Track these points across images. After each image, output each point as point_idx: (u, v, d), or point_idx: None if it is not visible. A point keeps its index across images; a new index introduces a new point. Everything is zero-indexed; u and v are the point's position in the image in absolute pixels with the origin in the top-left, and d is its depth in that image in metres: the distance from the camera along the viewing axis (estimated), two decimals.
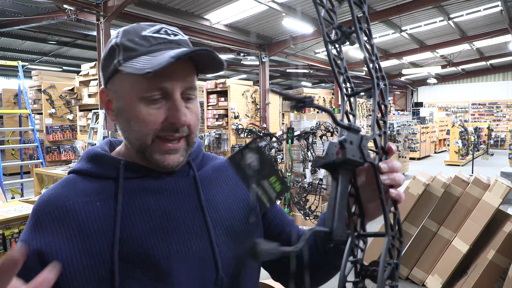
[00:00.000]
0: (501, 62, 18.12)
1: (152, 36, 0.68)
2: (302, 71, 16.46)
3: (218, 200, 0.78)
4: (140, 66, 0.63)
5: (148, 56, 0.65)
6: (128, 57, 0.66)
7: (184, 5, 7.77)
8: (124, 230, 0.67)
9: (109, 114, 0.74)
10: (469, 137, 12.13)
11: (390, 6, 8.81)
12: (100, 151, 0.75)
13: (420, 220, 3.59)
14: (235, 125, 9.94)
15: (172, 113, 0.67)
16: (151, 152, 0.69)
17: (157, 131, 0.67)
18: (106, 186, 0.71)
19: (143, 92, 0.66)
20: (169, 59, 0.61)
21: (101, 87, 0.73)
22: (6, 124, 10.31)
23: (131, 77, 0.66)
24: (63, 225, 0.67)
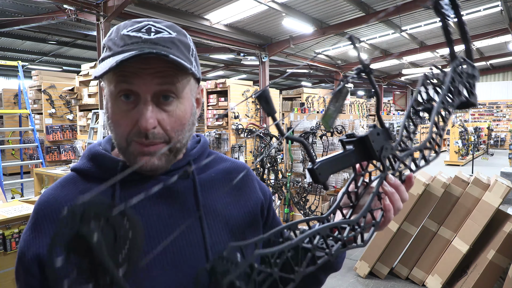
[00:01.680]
0: (501, 62, 18.12)
1: (128, 35, 0.64)
2: (302, 71, 16.47)
3: (218, 205, 0.75)
4: (100, 69, 0.63)
5: (113, 58, 0.62)
6: (104, 57, 0.65)
7: (184, 5, 7.77)
8: None
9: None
10: (469, 137, 12.13)
11: (390, 6, 8.81)
12: (100, 151, 0.73)
13: (420, 220, 3.59)
14: (235, 125, 9.95)
15: (138, 117, 0.63)
16: (129, 154, 0.66)
17: (130, 134, 0.65)
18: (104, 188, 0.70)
19: (117, 94, 0.64)
20: (114, 63, 0.59)
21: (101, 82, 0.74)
22: (6, 124, 10.31)
23: (108, 76, 0.65)
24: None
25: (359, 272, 3.77)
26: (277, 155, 5.36)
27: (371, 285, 3.61)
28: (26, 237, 0.68)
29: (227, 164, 0.83)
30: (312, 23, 9.40)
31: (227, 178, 0.80)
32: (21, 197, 6.33)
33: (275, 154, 5.32)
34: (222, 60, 14.40)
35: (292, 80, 21.42)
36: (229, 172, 0.81)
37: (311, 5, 8.47)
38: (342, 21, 9.60)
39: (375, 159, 0.56)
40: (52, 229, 0.67)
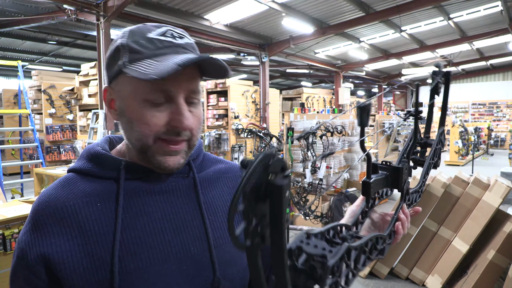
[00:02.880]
0: (501, 62, 18.11)
1: (158, 39, 0.67)
2: (302, 71, 16.47)
3: (217, 202, 0.79)
4: (145, 70, 0.63)
5: (152, 60, 0.65)
6: (133, 59, 0.66)
7: (184, 5, 7.77)
8: (123, 231, 0.67)
9: (112, 113, 0.74)
10: (469, 137, 12.13)
11: (390, 6, 8.81)
12: (101, 151, 0.74)
13: (420, 220, 3.59)
14: (235, 125, 9.95)
15: (175, 116, 0.67)
16: (153, 153, 0.69)
17: (159, 133, 0.68)
18: (106, 186, 0.71)
19: (146, 95, 0.66)
20: (175, 66, 0.62)
21: (105, 85, 0.73)
22: (6, 124, 10.31)
23: (135, 79, 0.65)
24: (63, 226, 0.66)
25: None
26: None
27: (371, 285, 3.61)
28: (27, 237, 0.67)
29: (223, 165, 0.87)
30: (312, 23, 9.40)
31: (223, 177, 0.85)
32: (21, 197, 6.33)
33: None
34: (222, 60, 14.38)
35: (292, 80, 21.42)
36: (225, 172, 0.86)
37: (311, 5, 8.47)
38: (342, 21, 9.60)
39: (399, 189, 0.66)
40: (55, 228, 0.66)
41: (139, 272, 0.66)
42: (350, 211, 0.83)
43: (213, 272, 0.71)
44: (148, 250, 0.67)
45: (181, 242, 0.70)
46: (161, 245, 0.69)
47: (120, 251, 0.66)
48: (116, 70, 0.68)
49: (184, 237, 0.71)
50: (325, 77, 18.10)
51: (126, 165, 0.72)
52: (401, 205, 0.70)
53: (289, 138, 5.10)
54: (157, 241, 0.69)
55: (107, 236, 0.66)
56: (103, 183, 0.71)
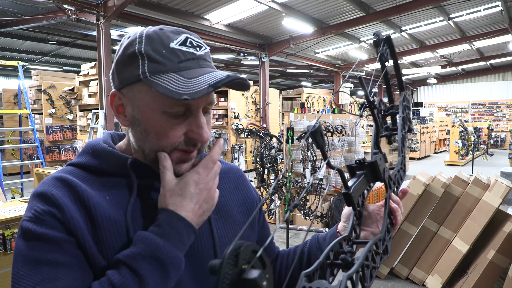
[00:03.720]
0: (501, 62, 18.12)
1: (180, 50, 0.66)
2: (302, 71, 16.47)
3: (220, 203, 0.79)
4: (174, 87, 0.62)
5: (178, 74, 0.64)
6: (156, 70, 0.64)
7: (184, 5, 7.77)
8: (134, 222, 0.68)
9: (121, 118, 0.72)
10: (469, 137, 12.13)
11: (390, 6, 8.82)
12: (107, 148, 0.73)
13: (420, 220, 3.59)
14: (235, 125, 9.96)
15: (194, 129, 0.68)
16: None
17: (175, 144, 0.68)
18: (115, 182, 0.71)
19: (167, 108, 0.66)
20: (207, 87, 0.62)
21: (113, 90, 0.71)
22: (6, 124, 10.31)
23: (154, 91, 0.64)
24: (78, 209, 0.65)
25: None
26: (277, 155, 5.36)
27: (371, 285, 3.61)
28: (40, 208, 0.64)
29: (223, 166, 0.88)
30: (312, 23, 9.40)
31: (225, 177, 0.87)
32: (21, 197, 6.33)
33: (275, 154, 5.31)
34: (222, 60, 14.40)
35: (292, 80, 21.42)
36: (226, 173, 0.88)
37: (311, 5, 8.47)
38: (342, 21, 9.60)
39: (381, 180, 0.66)
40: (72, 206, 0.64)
41: None
42: (345, 215, 0.85)
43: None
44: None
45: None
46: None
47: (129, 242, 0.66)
48: (132, 77, 0.66)
49: None
50: (325, 77, 18.10)
51: (132, 163, 0.72)
52: (388, 193, 0.71)
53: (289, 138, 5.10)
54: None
55: (119, 225, 0.66)
56: (111, 179, 0.71)
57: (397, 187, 0.77)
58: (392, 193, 0.73)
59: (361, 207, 0.74)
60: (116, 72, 0.70)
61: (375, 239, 0.59)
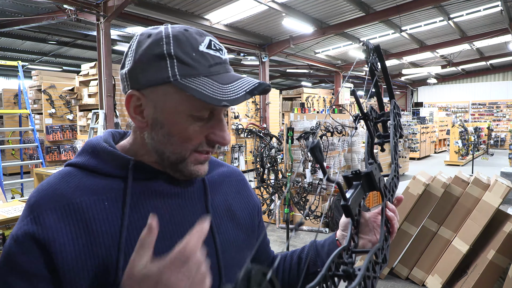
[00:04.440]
0: (501, 62, 18.12)
1: (209, 54, 0.66)
2: (302, 71, 16.47)
3: (222, 207, 0.79)
4: (211, 92, 0.62)
5: (210, 79, 0.64)
6: (187, 74, 0.63)
7: (184, 5, 7.77)
8: (131, 233, 0.66)
9: (137, 120, 0.69)
10: (469, 137, 12.13)
11: (390, 6, 8.81)
12: (107, 147, 0.72)
13: (420, 220, 3.59)
14: (235, 125, 9.95)
15: (217, 132, 0.68)
16: (187, 164, 0.69)
17: (197, 145, 0.68)
18: (113, 185, 0.69)
19: (195, 111, 0.65)
20: (245, 94, 0.63)
21: (131, 90, 0.68)
22: (6, 124, 10.31)
23: (183, 94, 0.64)
24: (68, 223, 0.63)
25: None
26: (277, 155, 5.36)
27: None
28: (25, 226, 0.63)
29: (225, 169, 0.88)
30: (312, 23, 9.40)
31: (226, 181, 0.85)
32: (21, 197, 6.33)
33: (275, 154, 5.32)
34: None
35: (292, 80, 21.42)
36: (228, 176, 0.87)
37: (311, 5, 8.47)
38: (342, 21, 9.60)
39: (377, 189, 0.67)
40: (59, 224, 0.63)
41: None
42: (342, 224, 0.85)
43: (219, 277, 0.72)
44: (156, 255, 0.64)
45: None
46: (169, 250, 0.64)
47: (127, 254, 0.63)
48: (158, 79, 0.64)
49: None
50: (325, 77, 18.10)
51: (135, 165, 0.70)
52: (384, 202, 0.72)
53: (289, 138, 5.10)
54: (165, 245, 0.67)
55: (114, 237, 0.65)
56: (110, 181, 0.69)
57: (392, 195, 0.78)
58: (388, 202, 0.75)
59: (358, 216, 0.75)
60: (136, 71, 0.66)
61: (374, 249, 0.60)
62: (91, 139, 0.75)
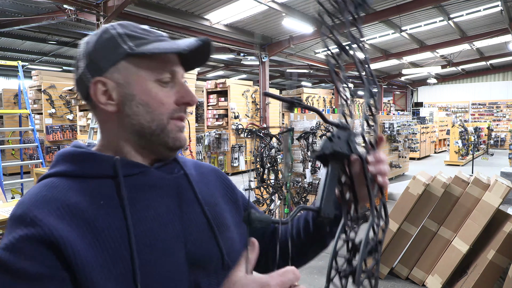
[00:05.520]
0: (501, 62, 18.12)
1: (151, 30, 0.73)
2: (302, 71, 16.46)
3: (207, 193, 0.81)
4: (166, 47, 0.69)
5: (162, 42, 0.71)
6: (140, 43, 0.70)
7: (184, 5, 7.77)
8: (137, 228, 0.66)
9: (109, 106, 0.70)
10: (469, 137, 12.13)
11: (390, 6, 8.81)
12: (87, 150, 0.71)
13: (420, 220, 3.59)
14: (235, 125, 9.95)
15: (184, 93, 0.74)
16: (168, 132, 0.72)
17: (171, 111, 0.72)
18: (104, 184, 0.68)
19: (158, 75, 0.70)
20: (197, 41, 0.70)
21: (94, 78, 0.69)
22: (6, 124, 10.31)
23: (144, 61, 0.69)
24: (68, 223, 0.61)
25: None
26: (277, 155, 5.36)
27: None
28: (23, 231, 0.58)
29: (192, 161, 0.89)
30: (312, 23, 9.40)
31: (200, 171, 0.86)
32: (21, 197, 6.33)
33: (275, 154, 5.31)
34: (222, 60, 14.40)
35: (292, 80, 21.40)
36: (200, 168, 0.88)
37: (311, 5, 8.47)
38: None
39: (349, 155, 0.61)
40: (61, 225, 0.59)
41: (157, 264, 0.66)
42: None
43: (221, 257, 0.74)
44: (162, 242, 0.68)
45: (189, 233, 0.72)
46: (173, 237, 0.70)
47: (137, 243, 0.65)
48: (117, 56, 0.69)
49: (191, 228, 0.73)
50: (325, 77, 18.10)
51: (120, 161, 0.70)
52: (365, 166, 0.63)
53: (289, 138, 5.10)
54: (168, 233, 0.69)
55: (120, 230, 0.64)
56: (99, 182, 0.68)
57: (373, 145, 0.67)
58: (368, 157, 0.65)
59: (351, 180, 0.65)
60: (95, 61, 0.70)
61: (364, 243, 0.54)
62: (62, 150, 0.73)
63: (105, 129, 0.74)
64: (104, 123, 0.73)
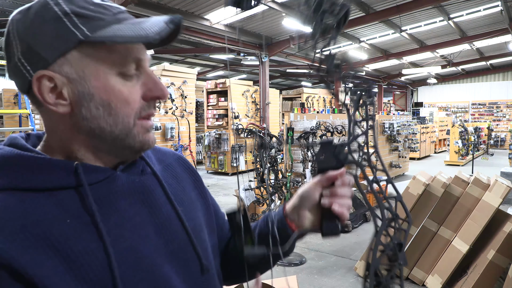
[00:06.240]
0: (501, 62, 18.11)
1: (107, 4, 0.57)
2: (302, 71, 16.46)
3: (179, 191, 0.73)
4: (131, 34, 0.53)
5: (123, 25, 0.55)
6: (95, 27, 0.53)
7: (184, 5, 7.77)
8: (113, 244, 0.57)
9: (60, 106, 0.56)
10: (469, 137, 12.13)
11: (390, 6, 8.82)
12: (36, 155, 0.57)
13: (420, 220, 3.58)
14: (235, 125, 9.95)
15: (152, 86, 0.60)
16: (134, 135, 0.60)
17: (138, 110, 0.59)
18: (65, 198, 0.56)
19: (120, 66, 0.56)
20: (163, 24, 0.55)
21: (37, 72, 0.54)
22: (6, 124, 10.31)
23: (102, 50, 0.55)
24: (34, 253, 0.49)
25: (359, 272, 3.77)
26: (277, 155, 5.36)
27: None
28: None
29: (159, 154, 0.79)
30: None
31: (165, 164, 0.77)
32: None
33: (275, 154, 5.31)
34: (222, 60, 14.40)
35: (292, 80, 21.42)
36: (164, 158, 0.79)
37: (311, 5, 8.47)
38: None
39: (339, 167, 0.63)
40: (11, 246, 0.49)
41: (143, 283, 0.58)
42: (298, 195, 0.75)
43: (199, 261, 0.69)
44: (145, 258, 0.60)
45: (167, 242, 0.65)
46: (152, 251, 0.62)
47: (119, 266, 0.55)
48: (66, 44, 0.53)
49: (167, 236, 0.65)
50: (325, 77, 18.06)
51: (82, 168, 0.58)
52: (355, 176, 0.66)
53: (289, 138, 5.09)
54: (148, 246, 0.61)
55: (97, 254, 0.54)
56: (58, 195, 0.56)
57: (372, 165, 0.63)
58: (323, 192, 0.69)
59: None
60: (35, 49, 0.54)
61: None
62: (3, 151, 0.57)
63: (54, 130, 0.60)
64: (53, 124, 0.59)
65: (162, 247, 0.63)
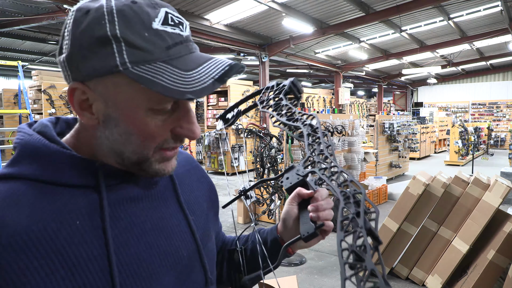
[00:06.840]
0: (501, 62, 18.12)
1: (166, 32, 0.53)
2: (302, 71, 16.46)
3: (192, 200, 0.74)
4: (171, 83, 0.50)
5: (170, 66, 0.52)
6: (140, 60, 0.51)
7: (184, 5, 7.77)
8: (117, 250, 0.56)
9: (85, 117, 0.56)
10: (469, 137, 12.13)
11: (390, 6, 8.82)
12: (61, 149, 0.57)
13: (420, 220, 3.59)
14: (235, 125, 9.95)
15: (184, 125, 0.58)
16: (150, 164, 0.59)
17: (162, 142, 0.58)
18: (81, 197, 0.57)
19: (153, 104, 0.54)
20: (213, 82, 0.52)
21: (73, 83, 0.55)
22: (6, 124, 10.31)
23: (139, 85, 0.51)
24: (35, 257, 0.50)
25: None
26: (277, 155, 5.36)
27: None
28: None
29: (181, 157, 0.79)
30: (312, 23, 9.40)
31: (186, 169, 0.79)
32: None
33: (275, 154, 5.31)
34: None
35: None
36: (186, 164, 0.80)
37: (311, 5, 8.47)
38: (342, 21, 9.60)
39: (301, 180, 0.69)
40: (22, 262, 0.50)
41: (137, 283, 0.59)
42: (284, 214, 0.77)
43: (204, 273, 0.70)
44: (148, 266, 0.60)
45: (174, 251, 0.64)
46: (158, 259, 0.62)
47: (120, 275, 0.55)
48: (105, 68, 0.51)
49: (176, 245, 0.65)
50: (325, 77, 18.10)
51: (102, 169, 0.59)
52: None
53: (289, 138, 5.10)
54: (154, 255, 0.61)
55: (99, 261, 0.54)
56: (75, 193, 0.56)
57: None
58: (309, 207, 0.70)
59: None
60: (76, 59, 0.53)
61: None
62: (28, 139, 0.59)
63: (84, 128, 0.61)
64: (82, 123, 0.61)
65: (168, 255, 0.63)
